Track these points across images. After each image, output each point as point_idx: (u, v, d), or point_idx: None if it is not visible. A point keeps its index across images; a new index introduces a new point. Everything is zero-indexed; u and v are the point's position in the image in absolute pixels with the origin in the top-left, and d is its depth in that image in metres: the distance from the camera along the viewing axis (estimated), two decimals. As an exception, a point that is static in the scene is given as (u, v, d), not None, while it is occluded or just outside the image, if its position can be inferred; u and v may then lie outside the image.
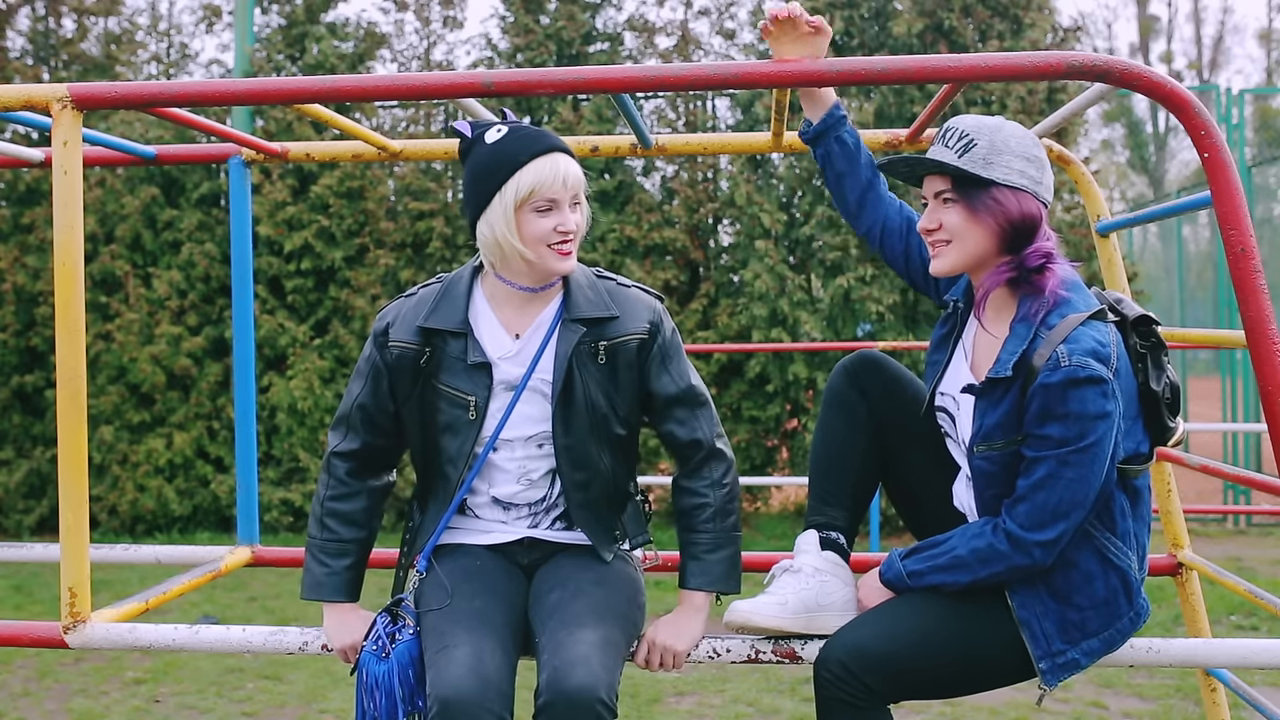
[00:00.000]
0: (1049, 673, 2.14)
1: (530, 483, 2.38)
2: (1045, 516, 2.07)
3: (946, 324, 2.37)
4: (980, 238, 2.16)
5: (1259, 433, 9.18)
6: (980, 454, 2.16)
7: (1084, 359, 2.03)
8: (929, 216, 2.21)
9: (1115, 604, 2.17)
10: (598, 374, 2.33)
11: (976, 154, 2.13)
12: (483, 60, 10.11)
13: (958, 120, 2.20)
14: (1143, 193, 29.63)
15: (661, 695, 5.24)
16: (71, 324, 2.15)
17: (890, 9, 9.61)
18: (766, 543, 8.89)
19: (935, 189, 2.20)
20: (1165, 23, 32.53)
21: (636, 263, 9.49)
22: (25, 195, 10.00)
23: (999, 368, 2.12)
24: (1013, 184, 2.14)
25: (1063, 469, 2.05)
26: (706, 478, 2.37)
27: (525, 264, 2.29)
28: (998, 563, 2.11)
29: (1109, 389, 2.05)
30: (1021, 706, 4.98)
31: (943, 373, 2.33)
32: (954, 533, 2.20)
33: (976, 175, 2.13)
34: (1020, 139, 2.16)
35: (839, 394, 2.40)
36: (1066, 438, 2.04)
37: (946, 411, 2.31)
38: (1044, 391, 2.04)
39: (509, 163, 2.25)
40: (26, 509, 9.86)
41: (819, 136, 2.48)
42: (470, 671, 2.06)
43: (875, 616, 2.21)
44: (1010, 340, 2.14)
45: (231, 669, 5.72)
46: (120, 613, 2.46)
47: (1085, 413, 2.03)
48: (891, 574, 2.24)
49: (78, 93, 2.14)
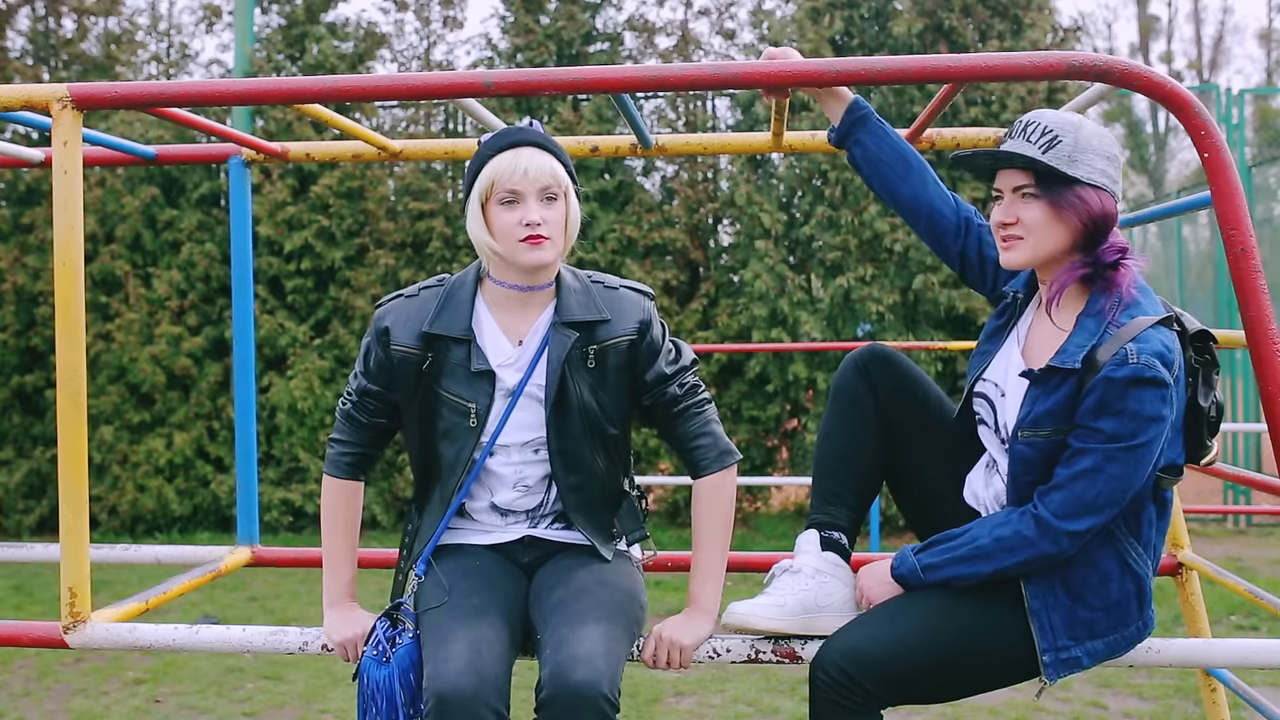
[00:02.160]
0: (1051, 666, 2.13)
1: (527, 489, 2.37)
2: (1079, 508, 2.07)
3: (1003, 315, 2.36)
4: (1060, 234, 2.15)
5: (1259, 433, 9.18)
6: (1024, 439, 2.15)
7: (1151, 359, 2.03)
8: (1006, 210, 2.19)
9: (1126, 609, 2.17)
10: (589, 378, 2.33)
11: (1062, 150, 2.12)
12: (483, 60, 10.11)
13: (1039, 115, 2.18)
14: (1143, 193, 29.63)
15: (661, 695, 5.24)
16: (71, 324, 2.15)
17: (890, 9, 9.60)
18: (766, 543, 8.89)
19: (1015, 183, 2.18)
20: (1165, 23, 32.52)
21: (636, 263, 9.49)
22: (25, 195, 10.01)
23: (1064, 358, 2.11)
24: (1095, 182, 2.13)
25: (1108, 464, 2.05)
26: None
27: (500, 259, 2.30)
28: (1022, 550, 2.10)
29: (1168, 394, 2.05)
30: (1021, 707, 4.98)
31: (991, 360, 2.31)
32: (973, 524, 2.19)
33: (1063, 173, 2.12)
34: (1102, 137, 2.16)
35: (848, 388, 2.38)
36: (1119, 434, 2.04)
37: (986, 398, 2.30)
38: (1106, 385, 2.04)
39: (479, 160, 2.30)
40: (26, 509, 9.86)
41: (843, 138, 2.45)
42: (468, 666, 2.06)
43: (876, 618, 2.20)
44: (1078, 333, 2.13)
45: (231, 669, 5.72)
46: (120, 613, 2.47)
47: (1142, 412, 2.03)
48: (905, 568, 2.21)
49: (78, 93, 2.14)
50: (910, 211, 2.44)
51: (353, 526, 2.45)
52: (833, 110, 2.45)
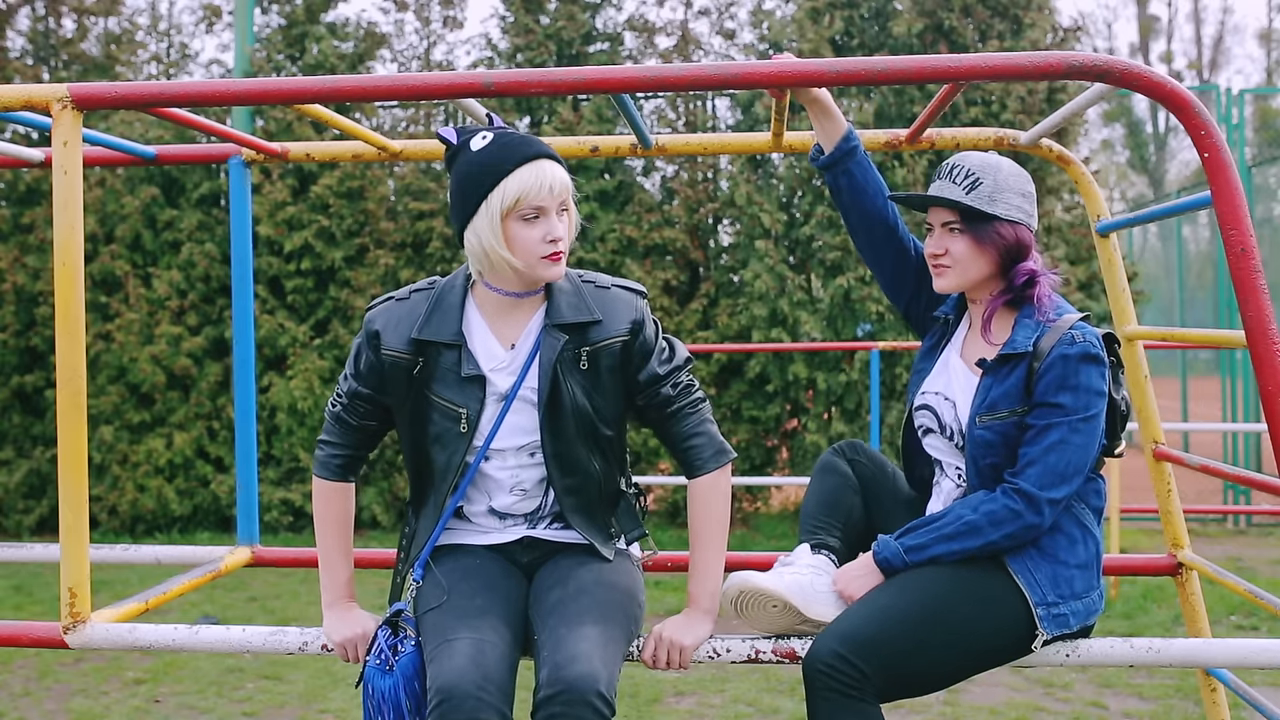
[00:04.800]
0: (1046, 619, 2.27)
1: (524, 493, 2.37)
2: (1055, 478, 2.28)
3: (935, 335, 2.60)
4: (982, 263, 2.42)
5: (1259, 433, 9.18)
6: (983, 424, 2.36)
7: (1094, 340, 2.32)
8: (936, 243, 2.45)
9: (1091, 571, 2.36)
10: (582, 379, 2.32)
11: (983, 191, 2.39)
12: (483, 60, 10.11)
13: (962, 158, 2.43)
14: (1143, 193, 29.66)
15: (661, 695, 5.24)
16: (71, 324, 2.15)
17: (890, 9, 9.60)
18: (766, 543, 8.89)
19: (943, 219, 2.44)
20: (1165, 23, 32.56)
21: (636, 263, 9.49)
22: (25, 195, 10.00)
23: (1014, 346, 2.35)
24: (1012, 218, 2.40)
25: (1072, 435, 2.28)
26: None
27: (514, 273, 2.27)
28: (1010, 523, 2.27)
29: (1105, 374, 2.33)
30: (1021, 706, 4.99)
31: (928, 375, 2.54)
32: (952, 506, 2.35)
33: (983, 211, 2.38)
34: (1017, 177, 2.42)
35: (829, 464, 2.58)
36: (1075, 407, 2.29)
37: (929, 408, 2.50)
38: (1062, 362, 2.29)
39: (494, 171, 2.22)
40: (26, 509, 9.86)
41: (828, 167, 2.58)
42: (471, 663, 2.06)
43: (862, 604, 2.28)
44: (1019, 331, 2.38)
45: (231, 669, 5.72)
46: (120, 613, 2.47)
47: (1091, 387, 2.30)
48: (887, 551, 2.33)
49: (78, 93, 2.14)
50: (883, 238, 2.63)
51: (346, 527, 2.44)
52: (827, 132, 2.56)
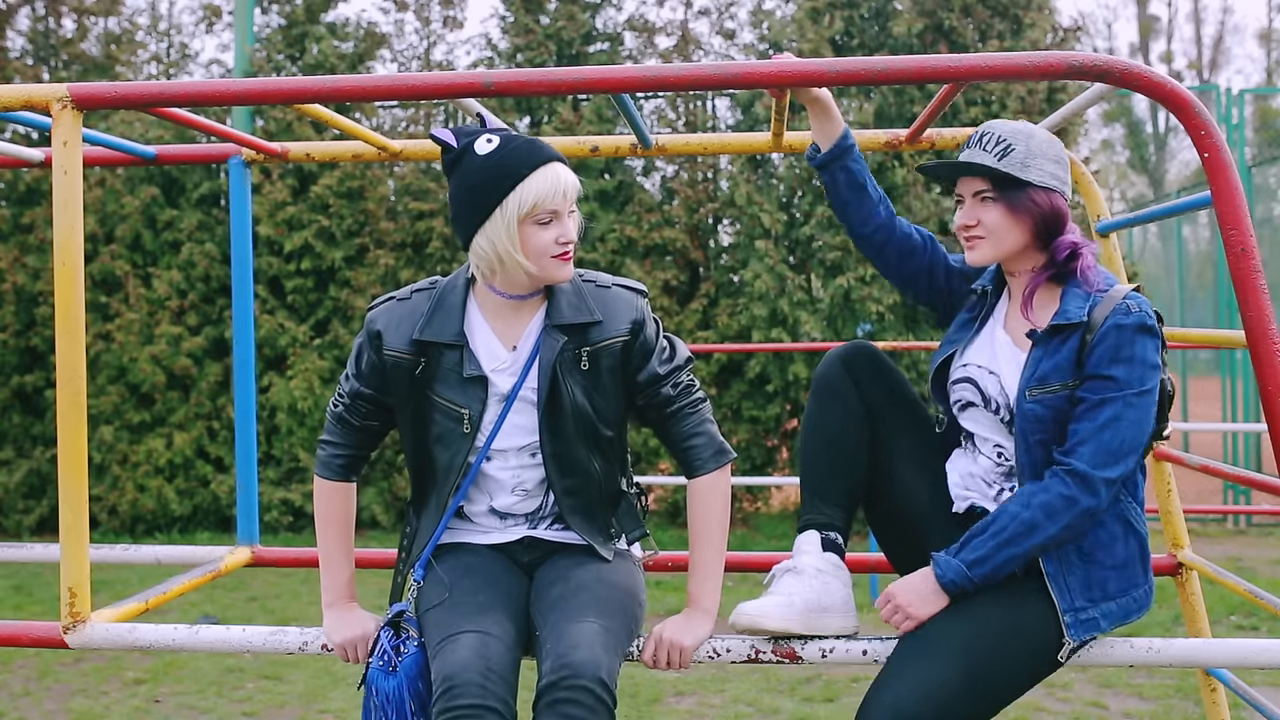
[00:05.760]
0: (1072, 626, 2.19)
1: (526, 493, 2.37)
2: (1109, 456, 2.16)
3: (973, 309, 2.47)
4: (1017, 233, 2.31)
5: (1259, 433, 9.18)
6: (1034, 398, 2.24)
7: (1150, 312, 2.22)
8: (968, 214, 2.35)
9: (1133, 570, 2.25)
10: (582, 380, 2.32)
11: (1015, 158, 2.29)
12: (483, 60, 10.11)
13: (992, 125, 2.34)
14: (1143, 193, 29.64)
15: (661, 695, 5.24)
16: (71, 324, 2.15)
17: (890, 9, 9.60)
18: (766, 543, 8.89)
19: (974, 189, 2.34)
20: (1165, 23, 32.54)
21: (636, 263, 9.49)
22: (25, 195, 10.00)
23: (1066, 316, 2.24)
24: (1046, 184, 2.30)
25: (1127, 410, 2.17)
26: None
27: (526, 275, 2.27)
28: (1066, 512, 2.15)
29: (1160, 346, 2.22)
30: (1022, 706, 4.98)
31: (966, 346, 2.41)
32: (1001, 508, 2.21)
33: (1016, 177, 2.28)
34: (1050, 143, 2.33)
35: (832, 382, 2.41)
36: (1129, 380, 2.17)
37: (971, 380, 2.38)
38: (1116, 332, 2.18)
39: (510, 176, 2.22)
40: (26, 509, 9.86)
41: (825, 165, 2.52)
42: (476, 655, 2.06)
43: (908, 666, 2.16)
44: (1069, 300, 2.27)
45: (231, 669, 5.72)
46: (120, 613, 2.46)
47: (1147, 359, 2.19)
48: (952, 572, 2.19)
49: (78, 93, 2.14)
50: (883, 233, 2.54)
51: (347, 527, 2.45)
52: (825, 130, 2.49)
